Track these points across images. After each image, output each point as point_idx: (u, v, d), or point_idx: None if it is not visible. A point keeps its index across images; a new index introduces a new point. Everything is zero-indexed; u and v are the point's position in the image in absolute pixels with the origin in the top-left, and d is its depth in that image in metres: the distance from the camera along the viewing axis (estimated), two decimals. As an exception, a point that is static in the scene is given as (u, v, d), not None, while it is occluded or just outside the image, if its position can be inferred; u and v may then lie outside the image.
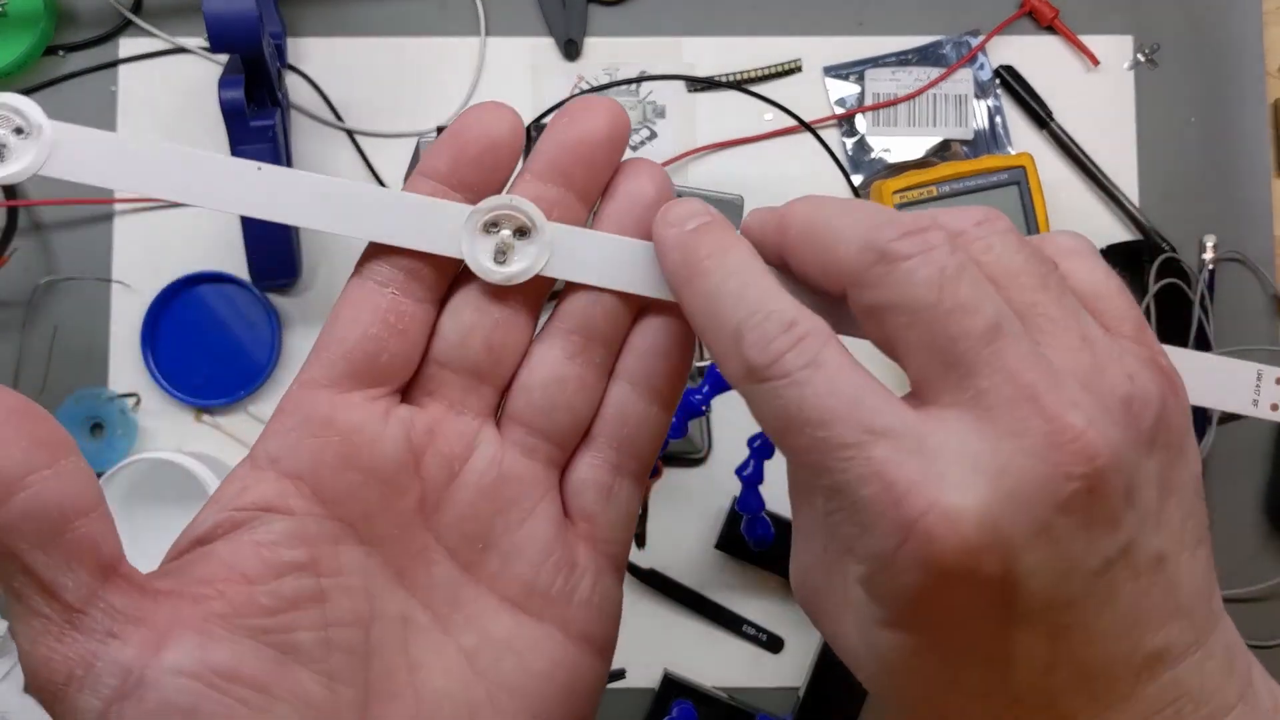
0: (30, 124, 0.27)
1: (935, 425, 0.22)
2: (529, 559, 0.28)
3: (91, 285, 0.68)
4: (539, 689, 0.27)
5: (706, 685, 0.66)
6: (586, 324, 0.28)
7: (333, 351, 0.27)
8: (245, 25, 0.58)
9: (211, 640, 0.23)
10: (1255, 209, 0.70)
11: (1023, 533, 0.21)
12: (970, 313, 0.22)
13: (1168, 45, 0.71)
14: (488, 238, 0.27)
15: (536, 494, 0.28)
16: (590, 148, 0.27)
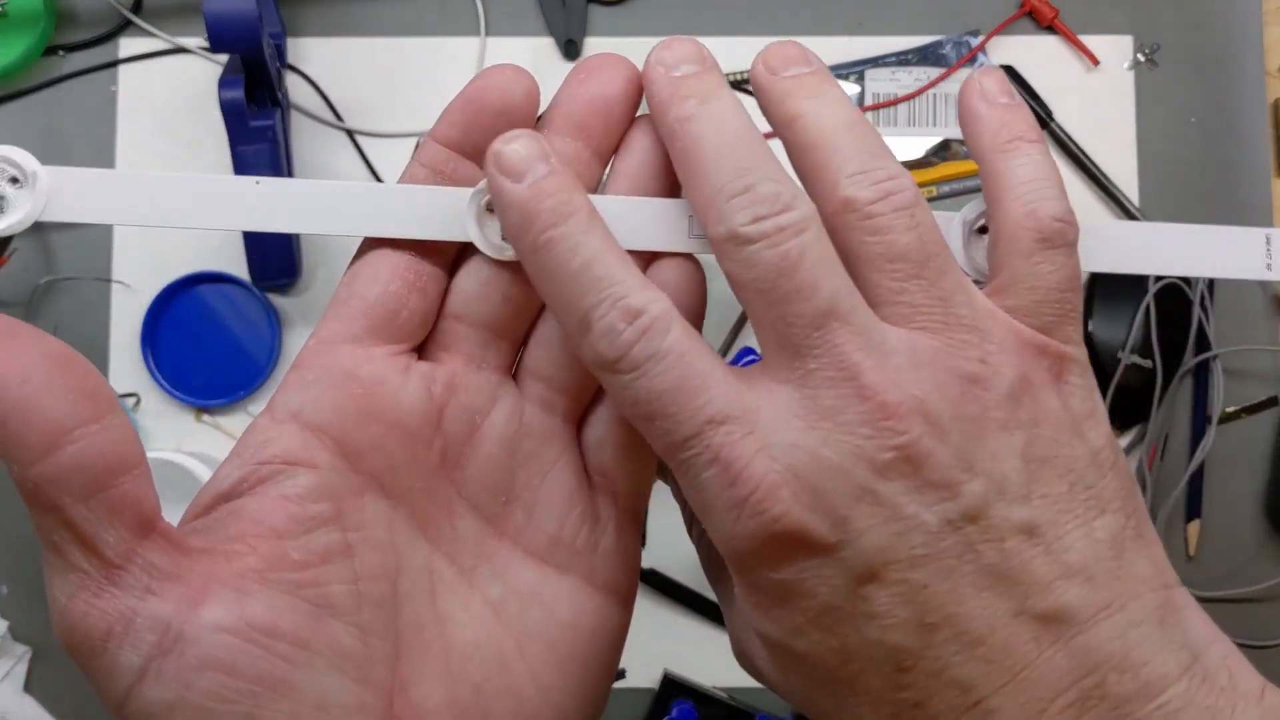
0: (25, 173, 0.27)
1: (767, 402, 0.24)
2: (553, 512, 0.28)
3: (91, 285, 0.68)
4: (567, 639, 0.28)
5: (706, 685, 0.66)
6: None
7: (353, 307, 0.27)
8: (245, 25, 0.58)
9: (248, 596, 0.24)
10: (1255, 209, 0.70)
11: (845, 498, 0.23)
12: (805, 298, 0.24)
13: (1168, 45, 0.71)
14: (492, 218, 0.27)
15: (558, 448, 0.28)
16: (607, 103, 0.27)
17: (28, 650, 0.66)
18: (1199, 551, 0.68)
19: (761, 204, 0.24)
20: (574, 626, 0.28)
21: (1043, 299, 0.26)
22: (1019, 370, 0.25)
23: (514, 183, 0.25)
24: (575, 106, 0.27)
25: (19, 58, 0.68)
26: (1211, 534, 0.68)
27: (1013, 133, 0.27)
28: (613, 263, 0.25)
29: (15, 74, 0.68)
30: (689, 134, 0.25)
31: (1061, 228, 0.26)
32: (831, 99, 0.26)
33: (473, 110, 0.27)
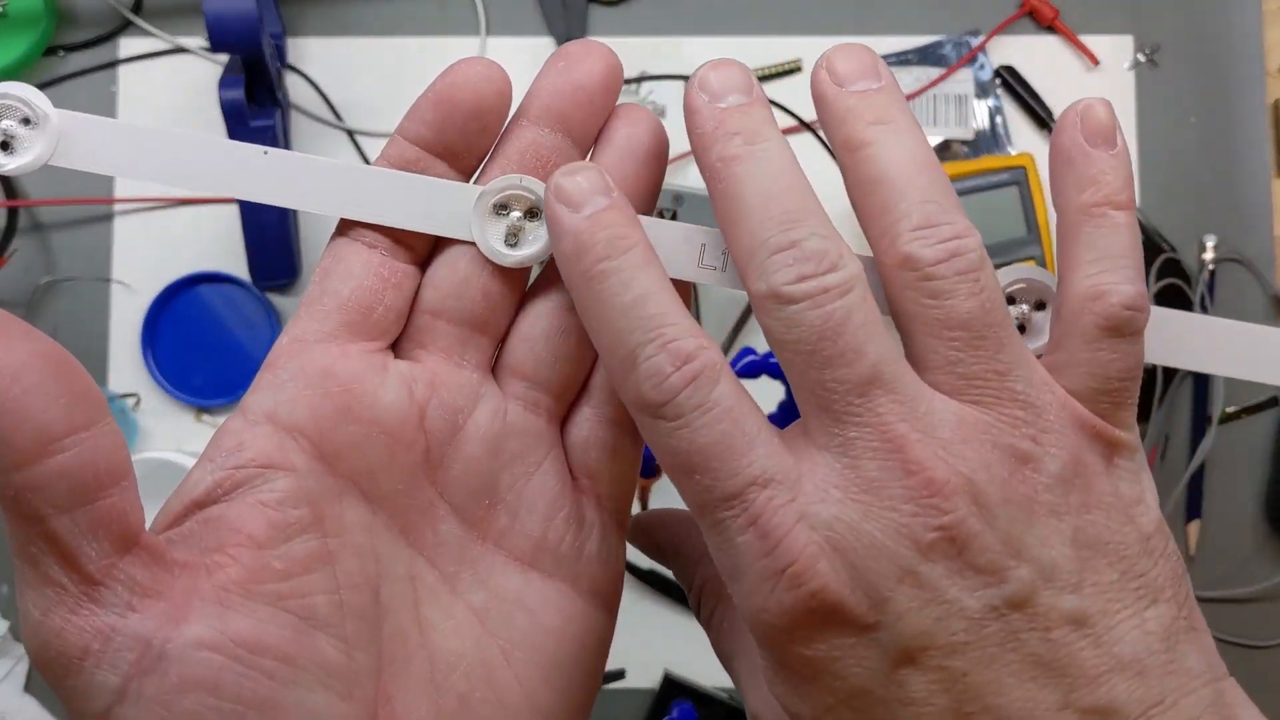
0: (37, 114, 0.26)
1: (809, 469, 0.23)
2: (538, 515, 0.27)
3: (91, 285, 0.68)
4: (552, 645, 0.27)
5: (707, 685, 0.66)
6: None
7: (326, 304, 0.26)
8: (245, 25, 0.58)
9: (230, 610, 0.23)
10: (1255, 209, 0.70)
11: (886, 577, 0.22)
12: (848, 363, 0.23)
13: (1168, 45, 0.71)
14: (498, 219, 0.27)
15: (542, 449, 0.27)
16: (588, 93, 0.26)
17: (28, 650, 0.66)
18: (1199, 551, 0.68)
19: (807, 261, 0.23)
20: (560, 633, 0.27)
21: (1100, 387, 0.24)
22: (1072, 452, 0.23)
23: (572, 212, 0.24)
24: (555, 97, 0.27)
25: (19, 58, 0.67)
26: (1211, 534, 0.68)
27: (1101, 194, 0.25)
28: (666, 303, 0.24)
29: (15, 74, 0.68)
30: (733, 176, 0.24)
31: (1131, 316, 0.24)
32: (902, 128, 0.24)
33: (444, 111, 0.26)
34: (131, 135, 0.27)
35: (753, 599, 0.23)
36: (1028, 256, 0.64)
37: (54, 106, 0.26)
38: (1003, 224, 0.65)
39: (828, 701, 0.23)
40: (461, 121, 0.26)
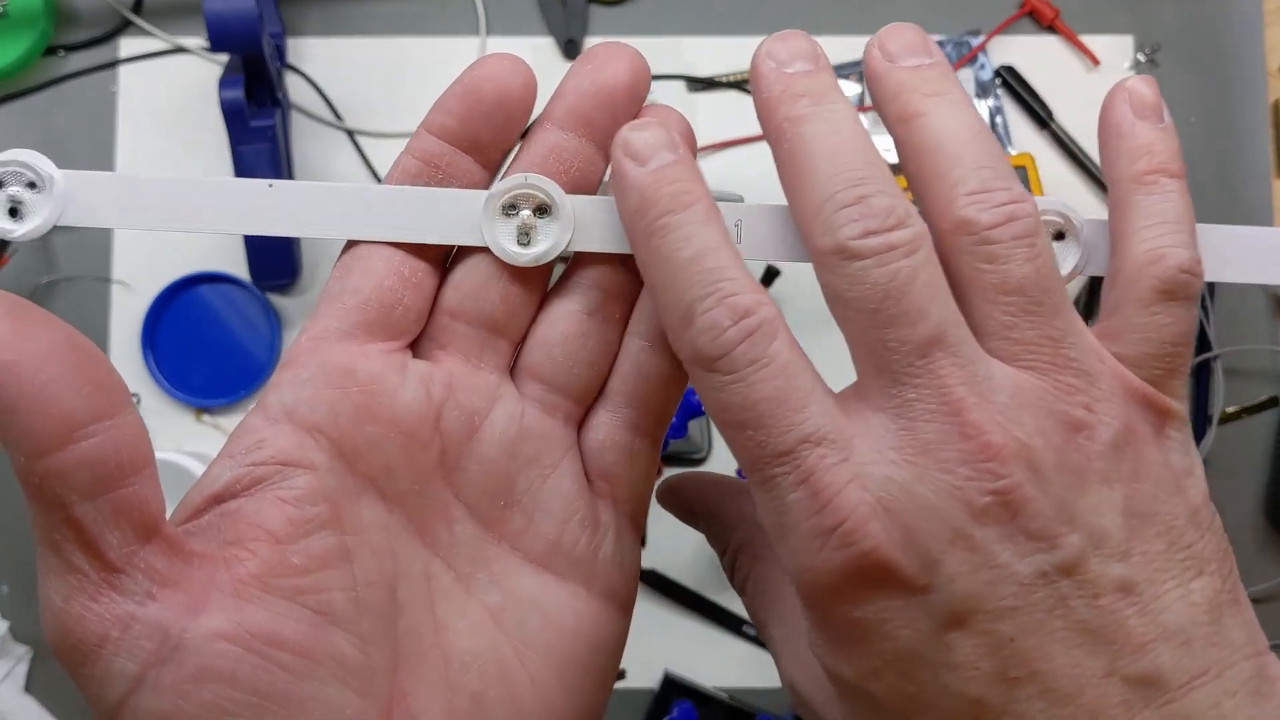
0: (42, 177, 0.26)
1: (863, 429, 0.23)
2: (554, 517, 0.27)
3: (91, 285, 0.68)
4: (566, 647, 0.27)
5: (707, 685, 0.66)
6: (605, 279, 0.27)
7: (346, 302, 0.26)
8: (245, 25, 0.58)
9: (249, 603, 0.23)
10: (1255, 209, 0.70)
11: (938, 539, 0.22)
12: (911, 323, 0.23)
13: (1168, 45, 0.71)
14: (508, 220, 0.27)
15: (559, 451, 0.27)
16: (612, 95, 0.26)
17: (28, 650, 0.66)
18: (1199, 552, 0.68)
19: (874, 217, 0.23)
20: (574, 634, 0.27)
21: (1155, 352, 0.24)
22: (1124, 421, 0.24)
23: (637, 166, 0.25)
24: (579, 99, 0.26)
25: (19, 58, 0.67)
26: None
27: (1154, 163, 0.25)
28: (726, 259, 0.24)
29: (15, 74, 0.68)
30: (800, 135, 0.24)
31: (1187, 280, 0.24)
32: (954, 99, 0.25)
33: (470, 101, 0.26)
34: (135, 187, 0.27)
35: (801, 557, 0.23)
36: (1028, 256, 0.64)
37: (57, 168, 0.27)
38: (1003, 224, 0.65)
39: (873, 664, 0.23)
40: (486, 114, 0.26)
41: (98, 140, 0.69)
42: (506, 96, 0.26)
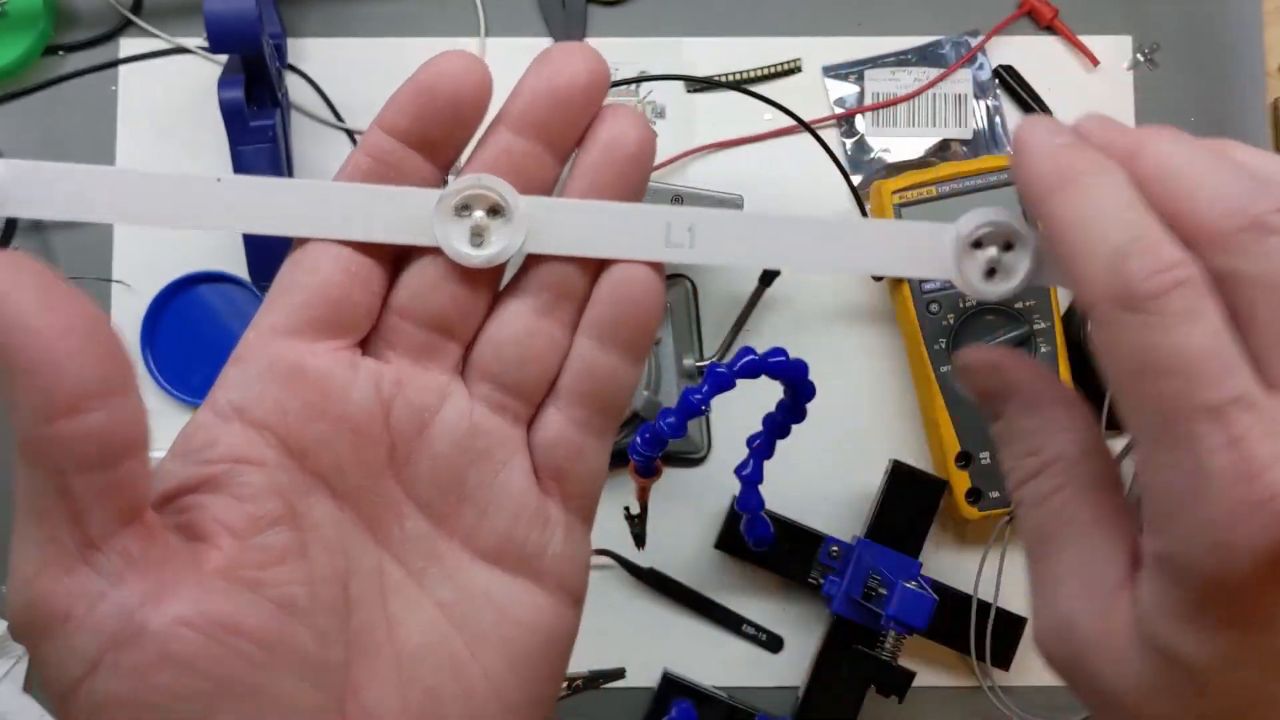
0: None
1: None
2: (504, 513, 0.27)
3: (91, 285, 0.68)
4: (519, 640, 0.27)
5: (706, 685, 0.66)
6: (556, 281, 0.27)
7: (294, 298, 0.26)
8: (245, 25, 0.58)
9: (212, 593, 0.23)
10: (1255, 209, 0.70)
11: None
12: None
13: (1167, 45, 0.71)
14: (460, 221, 0.26)
15: (508, 448, 0.27)
16: (567, 98, 0.26)
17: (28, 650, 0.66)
18: (1198, 551, 0.68)
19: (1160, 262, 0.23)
20: (526, 627, 0.27)
21: None
22: None
23: (1048, 140, 0.25)
24: (534, 102, 0.26)
25: (19, 58, 0.68)
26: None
27: None
28: (1154, 220, 0.23)
29: (15, 74, 0.68)
30: (1077, 196, 0.24)
31: None
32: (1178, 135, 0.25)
33: (423, 100, 0.26)
34: (77, 178, 0.26)
35: (1215, 528, 0.21)
36: (1027, 256, 0.64)
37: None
38: (1002, 224, 0.65)
39: (1243, 654, 0.22)
40: (439, 113, 0.26)
41: (98, 140, 0.69)
42: (460, 96, 0.26)
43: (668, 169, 0.69)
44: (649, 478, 0.56)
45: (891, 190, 0.65)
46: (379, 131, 0.27)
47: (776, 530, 0.63)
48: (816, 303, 0.69)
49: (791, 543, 0.65)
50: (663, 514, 0.67)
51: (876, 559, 0.63)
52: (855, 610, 0.63)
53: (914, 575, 0.62)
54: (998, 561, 0.64)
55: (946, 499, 0.65)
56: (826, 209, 0.69)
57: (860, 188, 0.68)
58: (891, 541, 0.63)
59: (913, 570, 0.63)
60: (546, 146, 0.27)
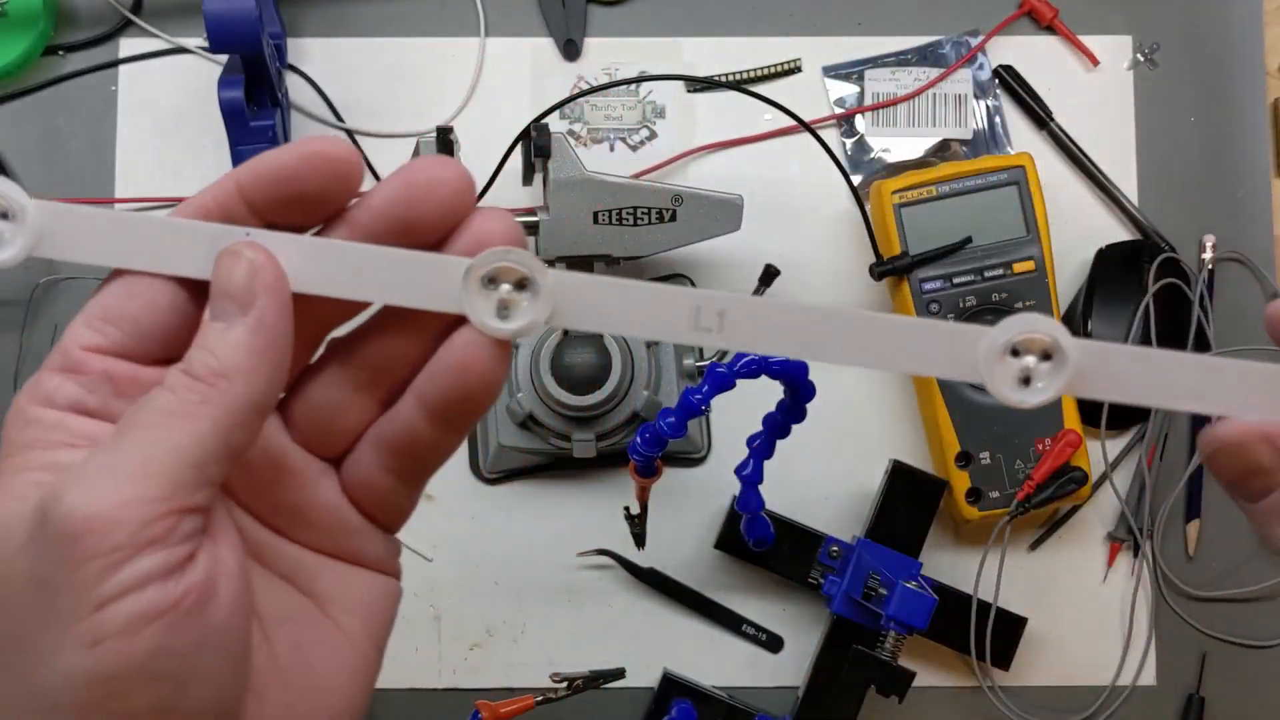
0: (14, 207, 0.26)
1: None
2: (328, 523, 0.29)
3: (91, 285, 0.68)
4: (377, 617, 0.31)
5: (706, 685, 0.66)
6: (381, 359, 0.28)
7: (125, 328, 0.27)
8: (245, 25, 0.58)
9: None
10: (1255, 209, 0.70)
11: None
12: None
13: (1167, 45, 0.71)
14: (488, 293, 0.27)
15: (320, 475, 0.29)
16: (419, 224, 0.27)
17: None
18: (1198, 551, 0.68)
19: None
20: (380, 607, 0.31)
21: None
22: None
23: None
24: (384, 219, 0.27)
25: (19, 58, 0.68)
26: (1211, 534, 0.68)
27: None
28: None
29: (15, 74, 0.68)
30: None
31: None
32: None
33: (287, 175, 0.26)
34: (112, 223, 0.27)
35: None
36: (1027, 257, 0.64)
37: (31, 198, 0.26)
38: (1002, 224, 0.65)
39: None
40: (298, 194, 0.27)
41: (98, 140, 0.69)
42: (324, 193, 0.27)
43: (668, 169, 0.69)
44: (649, 478, 0.56)
45: (891, 190, 0.65)
46: (233, 183, 0.27)
47: (776, 530, 0.63)
48: (816, 303, 0.68)
49: (791, 543, 0.65)
50: (663, 514, 0.67)
51: (876, 559, 0.63)
52: (855, 610, 0.63)
53: (914, 575, 0.62)
54: (998, 561, 0.64)
55: (946, 499, 0.65)
56: (827, 209, 0.69)
57: (860, 188, 0.68)
58: (891, 541, 0.63)
59: (913, 570, 0.63)
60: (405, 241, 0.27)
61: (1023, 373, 0.26)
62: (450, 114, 0.70)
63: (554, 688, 0.63)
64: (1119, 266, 0.67)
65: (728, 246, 0.67)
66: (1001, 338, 0.26)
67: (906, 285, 0.64)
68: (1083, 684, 0.67)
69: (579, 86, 0.70)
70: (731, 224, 0.62)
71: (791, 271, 0.68)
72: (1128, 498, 0.67)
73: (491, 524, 0.68)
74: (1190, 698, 0.67)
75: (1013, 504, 0.64)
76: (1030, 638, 0.65)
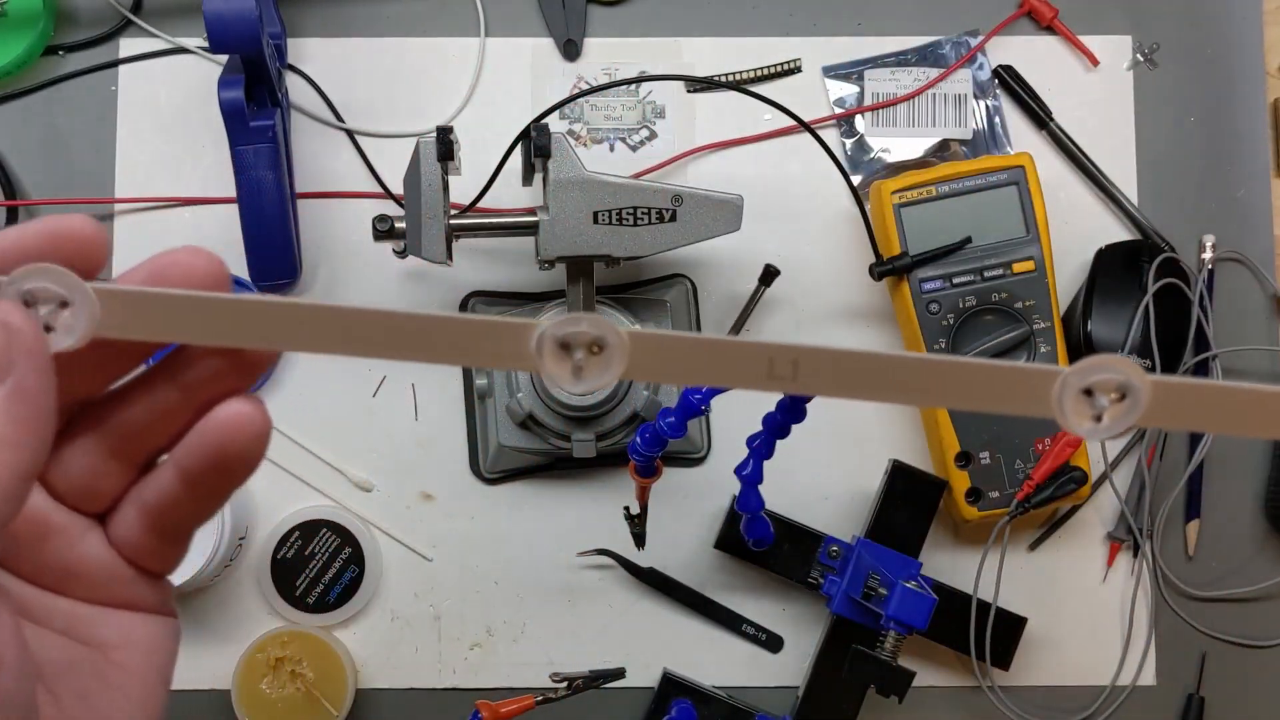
0: (74, 294, 0.26)
1: None
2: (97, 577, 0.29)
3: (92, 285, 0.68)
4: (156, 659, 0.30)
5: (706, 685, 0.66)
6: (135, 427, 0.28)
7: None
8: (245, 25, 0.58)
9: None
10: (1255, 209, 0.70)
11: None
12: None
13: (1167, 45, 0.71)
14: (562, 357, 0.27)
15: (85, 533, 0.29)
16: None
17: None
18: (1198, 551, 0.68)
19: None
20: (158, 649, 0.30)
21: None
22: None
23: None
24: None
25: (19, 57, 0.68)
26: (1211, 534, 0.68)
27: None
28: None
29: (15, 74, 0.68)
30: None
31: None
32: None
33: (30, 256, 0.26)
34: (167, 301, 0.27)
35: None
36: (1027, 257, 0.64)
37: (88, 283, 0.26)
38: (1002, 224, 0.65)
39: None
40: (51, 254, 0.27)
41: (98, 140, 0.69)
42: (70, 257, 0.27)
43: (668, 169, 0.69)
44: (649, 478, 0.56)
45: (891, 190, 0.65)
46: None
47: (776, 530, 0.63)
48: (816, 303, 0.69)
49: (791, 543, 0.65)
50: (663, 514, 0.67)
51: (876, 559, 0.63)
52: (855, 610, 0.63)
53: (914, 575, 0.62)
54: (997, 561, 0.64)
55: (946, 499, 0.65)
56: (827, 209, 0.69)
57: (860, 187, 0.68)
58: (891, 541, 0.63)
59: (913, 570, 0.63)
60: None
61: (1097, 411, 0.27)
62: (450, 114, 0.70)
63: (554, 688, 0.63)
64: (1119, 266, 0.67)
65: (728, 246, 0.67)
66: (1078, 382, 0.27)
67: (906, 285, 0.64)
68: (1082, 684, 0.67)
69: (579, 86, 0.70)
70: (731, 224, 0.62)
71: (791, 271, 0.68)
72: (1127, 498, 0.67)
73: (491, 524, 0.68)
74: (1190, 698, 0.67)
75: (1012, 504, 0.64)
76: (1030, 638, 0.65)
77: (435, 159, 0.60)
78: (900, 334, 0.68)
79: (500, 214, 0.65)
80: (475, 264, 0.69)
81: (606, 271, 0.65)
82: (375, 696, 0.67)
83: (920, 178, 0.65)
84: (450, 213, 0.61)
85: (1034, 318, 0.64)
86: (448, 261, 0.61)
